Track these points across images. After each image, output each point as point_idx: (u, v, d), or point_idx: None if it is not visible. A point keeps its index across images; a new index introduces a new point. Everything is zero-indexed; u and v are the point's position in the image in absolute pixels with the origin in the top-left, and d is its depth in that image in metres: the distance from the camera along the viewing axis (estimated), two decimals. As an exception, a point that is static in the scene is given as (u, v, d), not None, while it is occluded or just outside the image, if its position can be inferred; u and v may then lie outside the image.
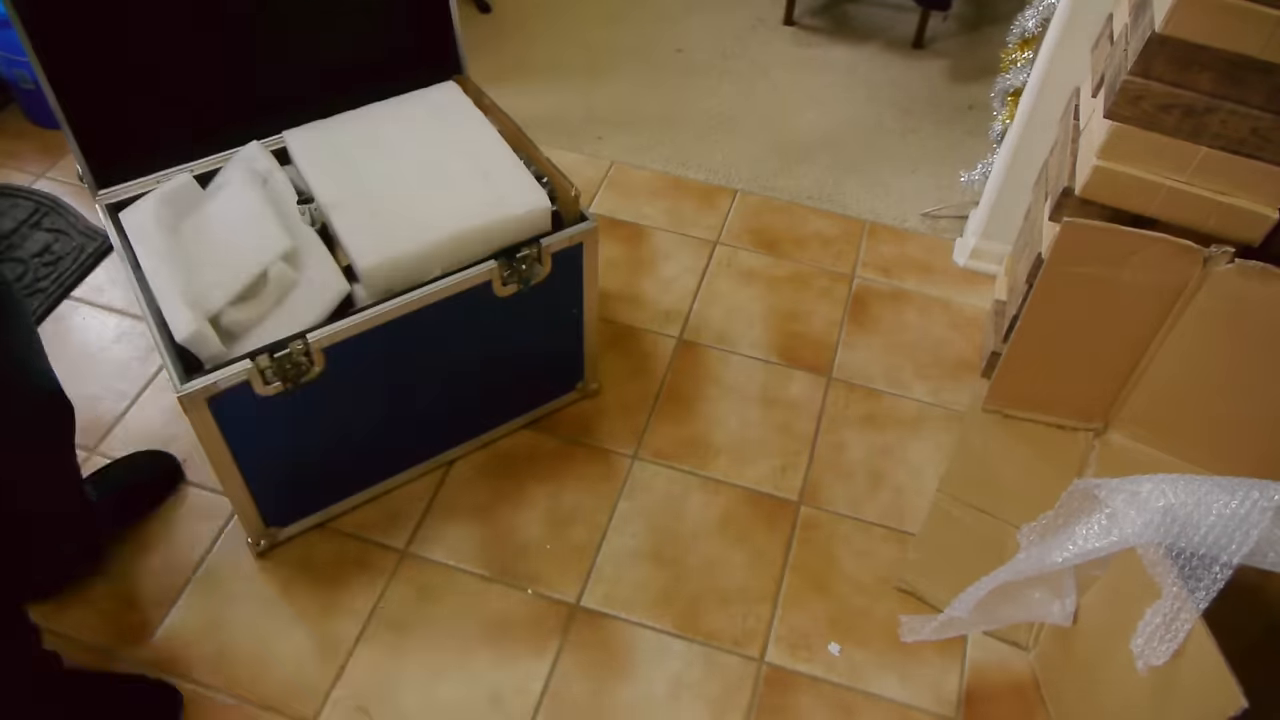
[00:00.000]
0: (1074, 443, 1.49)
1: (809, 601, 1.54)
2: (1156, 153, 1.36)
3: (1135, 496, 1.11)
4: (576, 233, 1.49)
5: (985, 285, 2.06)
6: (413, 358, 1.47)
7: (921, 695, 1.44)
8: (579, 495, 1.66)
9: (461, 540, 1.59)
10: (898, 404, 1.83)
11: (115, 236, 1.45)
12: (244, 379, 1.28)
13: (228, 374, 1.27)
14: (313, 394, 1.37)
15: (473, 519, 1.62)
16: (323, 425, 1.45)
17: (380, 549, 1.57)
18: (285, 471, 1.47)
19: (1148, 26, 1.29)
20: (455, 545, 1.58)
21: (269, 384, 1.31)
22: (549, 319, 1.61)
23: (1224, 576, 1.05)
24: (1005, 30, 1.97)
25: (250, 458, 1.40)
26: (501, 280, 1.45)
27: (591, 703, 1.42)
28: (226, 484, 1.41)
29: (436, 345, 1.48)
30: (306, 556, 1.56)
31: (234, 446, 1.36)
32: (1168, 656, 1.09)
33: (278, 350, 1.29)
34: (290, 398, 1.35)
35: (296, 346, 1.30)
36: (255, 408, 1.33)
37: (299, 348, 1.30)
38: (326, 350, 1.34)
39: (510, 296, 1.48)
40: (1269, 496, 1.03)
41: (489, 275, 1.43)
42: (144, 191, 1.50)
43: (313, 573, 1.54)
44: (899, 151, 2.39)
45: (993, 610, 1.30)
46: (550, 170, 1.53)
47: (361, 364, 1.40)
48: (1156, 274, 1.32)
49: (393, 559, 1.56)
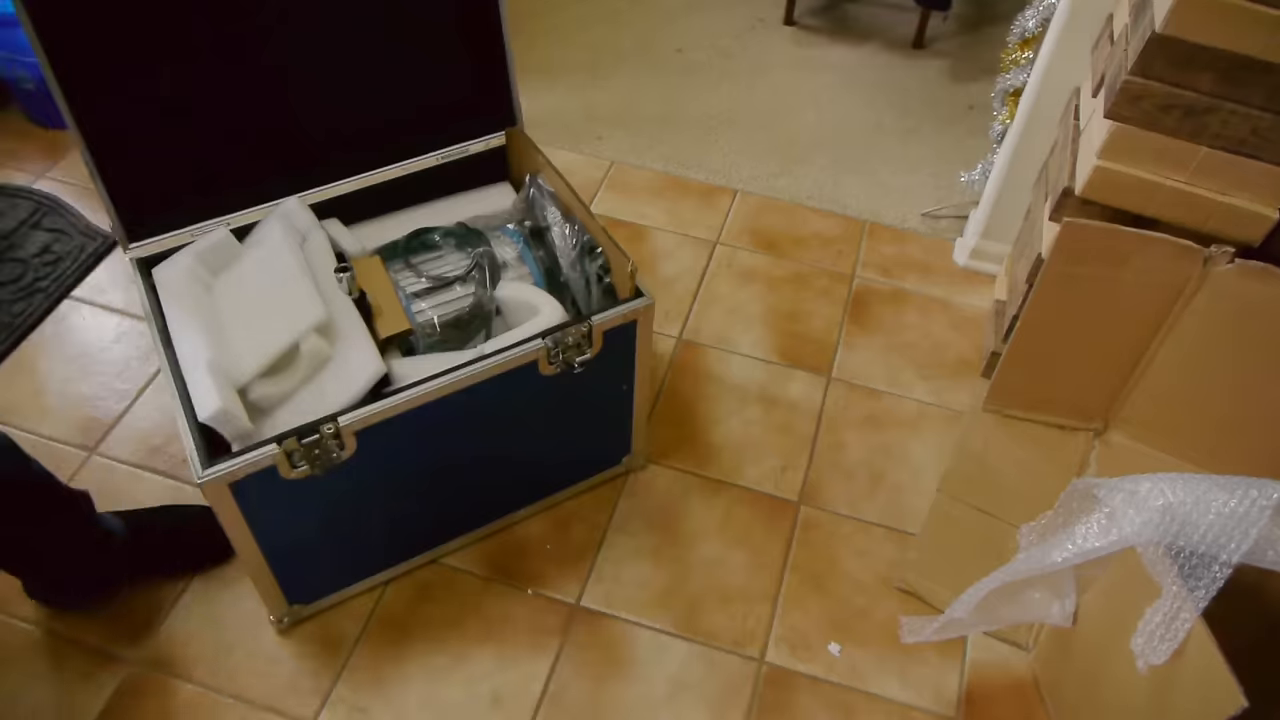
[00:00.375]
0: (1074, 443, 1.49)
1: (809, 601, 1.54)
2: (1156, 153, 1.36)
3: (1134, 496, 1.11)
4: (630, 310, 1.38)
5: (985, 285, 2.06)
6: (450, 439, 1.38)
7: (921, 695, 1.44)
8: (579, 494, 1.66)
9: (461, 541, 1.59)
10: (898, 404, 1.83)
11: (144, 295, 1.40)
12: (269, 464, 1.20)
13: (252, 459, 1.18)
14: (342, 476, 1.28)
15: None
16: (352, 506, 1.36)
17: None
18: (311, 551, 1.40)
19: (1148, 26, 1.29)
20: (454, 545, 1.58)
21: (296, 468, 1.22)
22: (596, 396, 1.50)
23: (1223, 575, 1.05)
24: (1005, 30, 1.97)
25: (273, 540, 1.32)
26: (548, 360, 1.35)
27: (591, 703, 1.42)
28: (248, 563, 1.33)
29: (475, 425, 1.39)
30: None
31: (256, 530, 1.28)
32: (1168, 655, 1.09)
33: (306, 434, 1.20)
34: (319, 481, 1.26)
35: (327, 430, 1.21)
36: (281, 490, 1.24)
37: (329, 431, 1.21)
38: (359, 434, 1.25)
39: (556, 374, 1.39)
40: (1268, 495, 1.03)
41: (535, 355, 1.34)
42: (176, 246, 1.45)
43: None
44: (899, 151, 2.39)
45: (993, 611, 1.30)
46: (605, 241, 1.45)
47: (396, 446, 1.31)
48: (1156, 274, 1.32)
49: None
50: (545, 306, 1.45)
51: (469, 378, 1.30)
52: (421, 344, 1.46)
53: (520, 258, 1.57)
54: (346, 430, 1.23)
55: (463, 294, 1.51)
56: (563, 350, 1.35)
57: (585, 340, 1.36)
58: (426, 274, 1.52)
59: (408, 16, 1.49)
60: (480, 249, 1.55)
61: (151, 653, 1.45)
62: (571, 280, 1.54)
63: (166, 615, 1.49)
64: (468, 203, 1.69)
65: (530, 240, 1.58)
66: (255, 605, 1.50)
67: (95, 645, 1.45)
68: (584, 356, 1.37)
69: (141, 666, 1.43)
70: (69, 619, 1.47)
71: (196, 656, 1.45)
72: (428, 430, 1.33)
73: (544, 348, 1.33)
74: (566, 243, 1.53)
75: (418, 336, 1.46)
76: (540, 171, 1.60)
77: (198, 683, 1.42)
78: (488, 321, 1.51)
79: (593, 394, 1.48)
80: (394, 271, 1.52)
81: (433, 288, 1.50)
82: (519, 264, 1.57)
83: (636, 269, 1.37)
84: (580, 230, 1.52)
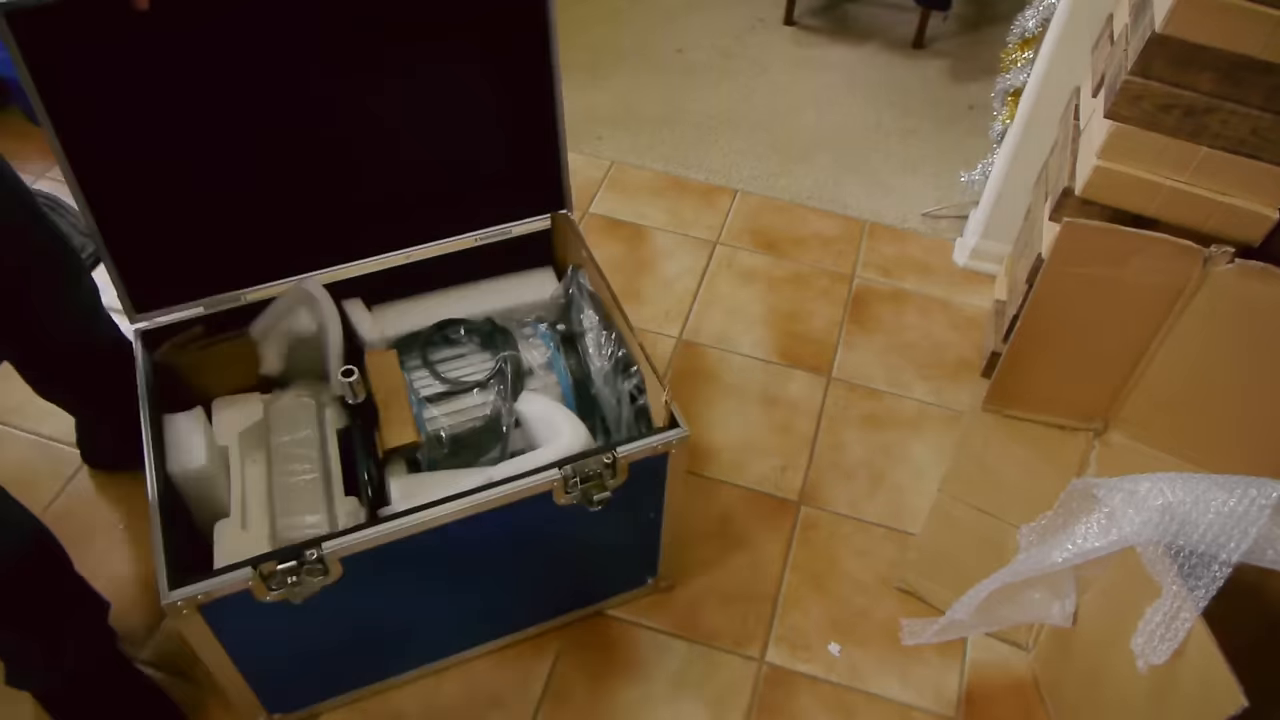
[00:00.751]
0: (1074, 443, 1.49)
1: (809, 601, 1.54)
2: (1156, 153, 1.36)
3: (1133, 495, 1.11)
4: (662, 442, 1.23)
5: (985, 285, 2.06)
6: (448, 566, 1.25)
7: (921, 695, 1.44)
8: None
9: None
10: (898, 404, 1.83)
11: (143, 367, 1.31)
12: (244, 588, 1.09)
13: (224, 581, 1.08)
14: (328, 600, 1.16)
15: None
16: (336, 626, 1.24)
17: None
18: (290, 669, 1.28)
19: (1148, 26, 1.29)
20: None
21: (273, 592, 1.11)
22: (618, 524, 1.33)
23: (1223, 574, 1.05)
24: (1005, 30, 1.97)
25: (249, 659, 1.21)
26: (564, 490, 1.21)
27: (591, 703, 1.42)
28: (222, 678, 1.22)
29: (476, 553, 1.26)
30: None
31: (231, 650, 1.17)
32: (1168, 655, 1.09)
33: (286, 559, 1.10)
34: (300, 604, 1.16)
35: (309, 555, 1.10)
36: (257, 612, 1.13)
37: (312, 557, 1.10)
38: (346, 560, 1.14)
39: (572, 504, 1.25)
40: (1266, 494, 1.03)
41: (549, 486, 1.20)
42: (185, 320, 1.37)
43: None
44: (899, 151, 2.39)
45: (994, 612, 1.30)
46: (642, 359, 1.31)
47: (387, 573, 1.19)
48: (1156, 274, 1.32)
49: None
50: (567, 429, 1.32)
51: (473, 507, 1.17)
52: (427, 458, 1.36)
53: (549, 364, 1.45)
54: (332, 557, 1.12)
55: (480, 402, 1.40)
56: (581, 480, 1.21)
57: (608, 471, 1.21)
58: (444, 376, 1.42)
59: (456, 85, 1.38)
60: (505, 353, 1.43)
61: (151, 653, 1.45)
62: (602, 395, 1.43)
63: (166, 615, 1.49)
64: (504, 289, 1.55)
65: (562, 346, 1.47)
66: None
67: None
68: (603, 494, 1.23)
69: (142, 666, 1.43)
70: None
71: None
72: (423, 557, 1.21)
73: (560, 478, 1.20)
74: (601, 354, 1.42)
75: (424, 449, 1.35)
76: (583, 266, 1.46)
77: (198, 683, 1.42)
78: (504, 436, 1.39)
79: (614, 522, 1.31)
80: (410, 370, 1.42)
81: (450, 392, 1.40)
82: (546, 371, 1.45)
83: (672, 398, 1.23)
84: (617, 341, 1.39)
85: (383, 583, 1.21)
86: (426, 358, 1.45)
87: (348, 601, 1.19)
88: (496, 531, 1.22)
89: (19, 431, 1.69)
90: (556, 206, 1.50)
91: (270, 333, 1.42)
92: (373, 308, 1.51)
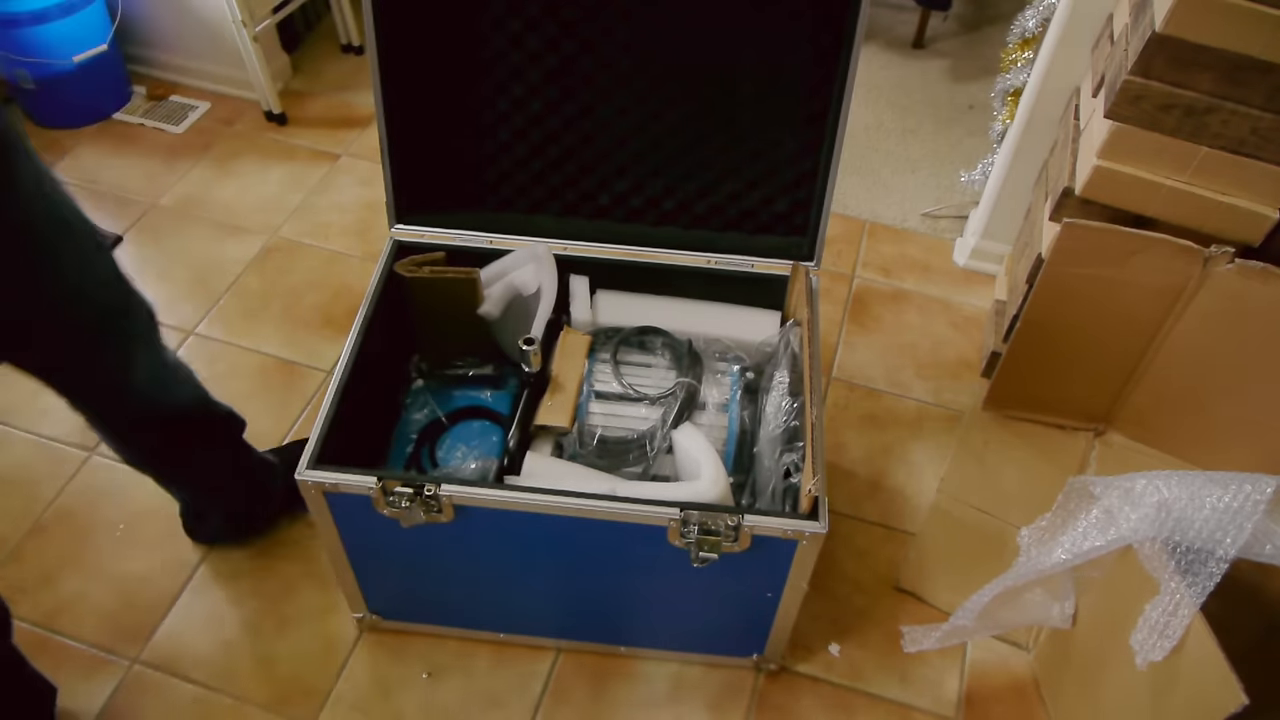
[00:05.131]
0: (1074, 443, 1.49)
1: (809, 601, 1.54)
2: (1156, 153, 1.37)
3: (1129, 493, 1.12)
4: (794, 528, 1.16)
5: (985, 285, 2.06)
6: (554, 554, 1.28)
7: (921, 695, 1.44)
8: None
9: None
10: (898, 404, 1.83)
11: (381, 269, 1.43)
12: (365, 494, 1.19)
13: (348, 480, 1.18)
14: (436, 535, 1.25)
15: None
16: (442, 560, 1.32)
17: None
18: (396, 580, 1.38)
19: (1148, 26, 1.29)
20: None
21: (390, 506, 1.20)
22: (728, 590, 1.30)
23: (1220, 570, 1.05)
24: (1005, 30, 1.97)
25: (361, 556, 1.32)
26: (679, 534, 1.19)
27: (591, 703, 1.42)
28: (335, 565, 1.34)
29: (580, 552, 1.28)
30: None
31: (346, 540, 1.29)
32: (1167, 652, 1.09)
33: (407, 484, 1.18)
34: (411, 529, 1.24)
35: (427, 491, 1.18)
36: (375, 519, 1.23)
37: (429, 492, 1.18)
38: (459, 508, 1.21)
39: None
40: (1261, 489, 1.03)
41: (665, 523, 1.18)
42: (434, 244, 1.47)
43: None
44: (899, 151, 2.39)
45: (995, 616, 1.30)
46: (809, 437, 1.24)
47: (492, 535, 1.25)
48: (1157, 274, 1.32)
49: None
50: (708, 474, 1.29)
51: (587, 510, 1.18)
52: (572, 448, 1.38)
53: (724, 406, 1.42)
54: (446, 501, 1.19)
55: (643, 415, 1.40)
56: (701, 531, 1.18)
57: (731, 533, 1.18)
58: (624, 378, 1.42)
59: (757, 99, 1.38)
60: (686, 379, 1.41)
61: (151, 653, 1.45)
62: (762, 456, 1.38)
63: (166, 615, 1.49)
64: (721, 317, 1.52)
65: (744, 393, 1.44)
66: (256, 605, 1.50)
67: (96, 645, 1.46)
68: (710, 554, 1.21)
69: (142, 666, 1.43)
70: (69, 618, 1.47)
71: (196, 657, 1.45)
72: (531, 535, 1.25)
73: (679, 519, 1.18)
74: (777, 417, 1.36)
75: (572, 439, 1.37)
76: (800, 325, 1.42)
77: (198, 683, 1.42)
78: (649, 456, 1.38)
79: (724, 586, 1.29)
80: (596, 361, 1.44)
81: (621, 395, 1.41)
82: (720, 411, 1.42)
83: (820, 495, 1.17)
84: (796, 411, 1.34)
85: (487, 542, 1.27)
86: (616, 355, 1.46)
87: (453, 544, 1.27)
88: (605, 543, 1.24)
89: (19, 431, 1.69)
90: (805, 258, 1.49)
91: (497, 280, 1.47)
92: (596, 291, 1.53)
